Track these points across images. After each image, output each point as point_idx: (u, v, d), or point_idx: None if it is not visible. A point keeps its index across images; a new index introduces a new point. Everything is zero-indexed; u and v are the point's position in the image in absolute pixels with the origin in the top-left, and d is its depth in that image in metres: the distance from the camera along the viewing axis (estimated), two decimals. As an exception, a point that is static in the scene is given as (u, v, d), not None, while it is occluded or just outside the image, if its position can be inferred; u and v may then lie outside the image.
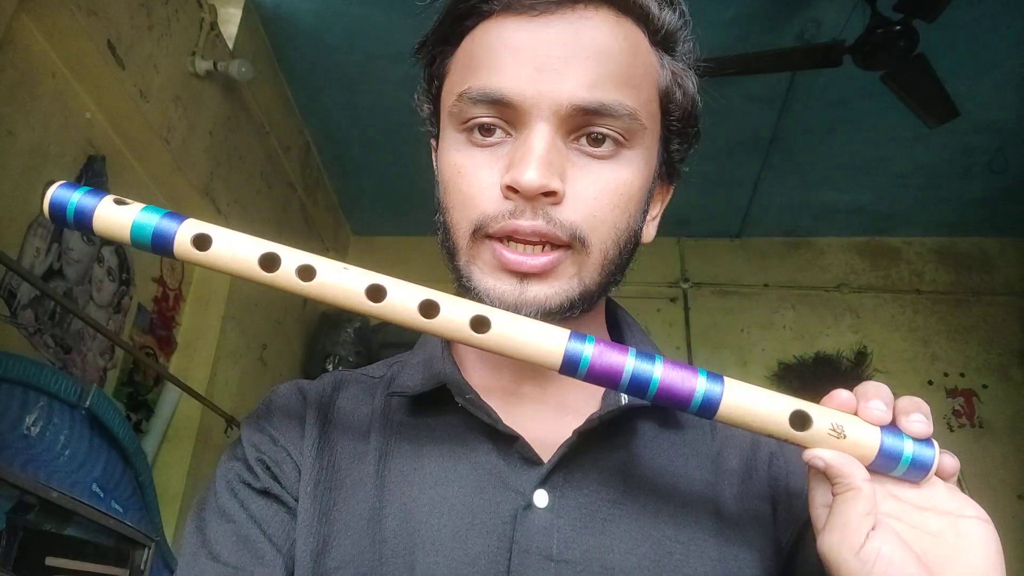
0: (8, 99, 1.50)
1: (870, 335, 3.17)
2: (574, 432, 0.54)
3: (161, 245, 0.47)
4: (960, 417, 3.04)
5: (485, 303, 0.52)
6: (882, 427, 0.45)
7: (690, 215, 3.20)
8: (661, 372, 0.45)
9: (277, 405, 0.61)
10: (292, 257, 0.46)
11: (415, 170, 0.65)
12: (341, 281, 0.46)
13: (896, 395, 0.46)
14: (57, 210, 0.48)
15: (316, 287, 0.46)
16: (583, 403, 0.58)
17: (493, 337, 0.45)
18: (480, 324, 0.45)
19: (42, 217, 1.61)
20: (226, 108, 2.24)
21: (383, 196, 3.27)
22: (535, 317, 0.51)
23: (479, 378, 0.60)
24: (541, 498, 0.53)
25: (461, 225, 0.54)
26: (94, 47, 1.62)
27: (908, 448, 0.44)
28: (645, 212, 0.59)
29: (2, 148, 1.49)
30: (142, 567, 1.65)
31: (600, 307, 0.63)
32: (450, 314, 0.45)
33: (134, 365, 2.00)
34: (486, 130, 0.54)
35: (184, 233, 0.47)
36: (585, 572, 0.51)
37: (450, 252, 0.56)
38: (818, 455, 0.44)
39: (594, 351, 0.45)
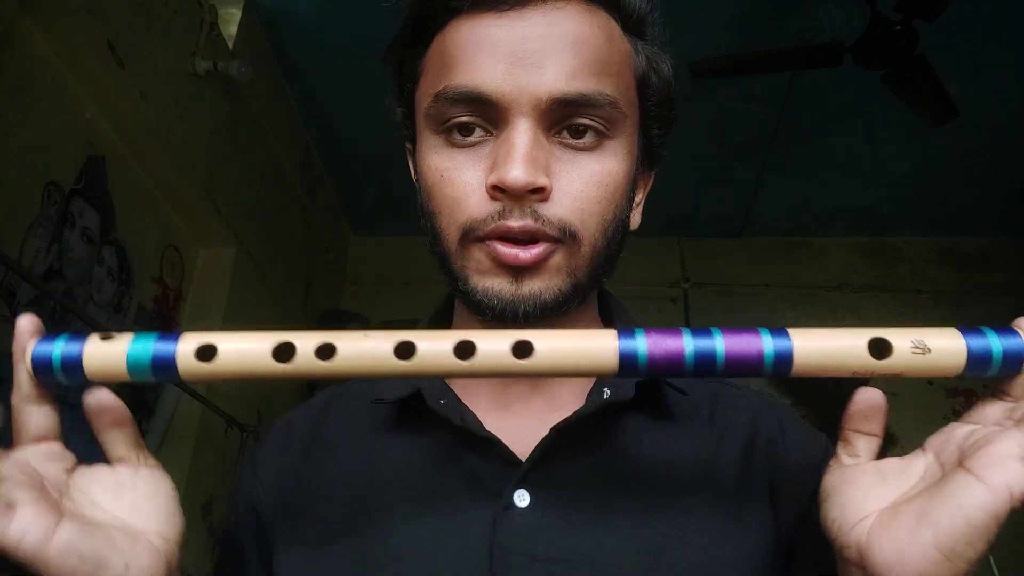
0: (8, 99, 1.49)
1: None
2: (552, 428, 0.53)
3: (163, 369, 0.42)
4: (960, 417, 3.04)
5: (482, 304, 0.52)
6: (960, 328, 0.42)
7: (690, 215, 3.19)
8: (723, 344, 0.42)
9: (266, 446, 0.64)
10: (307, 341, 0.42)
11: (415, 170, 0.65)
12: (364, 350, 0.42)
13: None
14: (42, 366, 0.43)
15: (341, 364, 0.42)
16: (571, 400, 0.57)
17: (538, 360, 0.42)
18: (521, 351, 0.42)
19: (42, 217, 1.61)
20: (226, 108, 2.23)
21: (383, 196, 3.27)
22: (532, 312, 0.51)
23: (466, 380, 0.59)
24: (522, 498, 0.52)
25: (450, 230, 0.54)
26: (94, 47, 1.62)
27: (995, 343, 0.41)
28: (631, 200, 0.58)
29: (2, 148, 1.49)
30: (142, 567, 1.65)
31: (593, 299, 0.62)
32: (488, 349, 0.42)
33: (134, 365, 2.00)
34: (465, 130, 0.53)
35: (184, 349, 0.42)
36: (574, 570, 0.50)
37: (441, 257, 0.56)
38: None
39: (648, 343, 0.42)
